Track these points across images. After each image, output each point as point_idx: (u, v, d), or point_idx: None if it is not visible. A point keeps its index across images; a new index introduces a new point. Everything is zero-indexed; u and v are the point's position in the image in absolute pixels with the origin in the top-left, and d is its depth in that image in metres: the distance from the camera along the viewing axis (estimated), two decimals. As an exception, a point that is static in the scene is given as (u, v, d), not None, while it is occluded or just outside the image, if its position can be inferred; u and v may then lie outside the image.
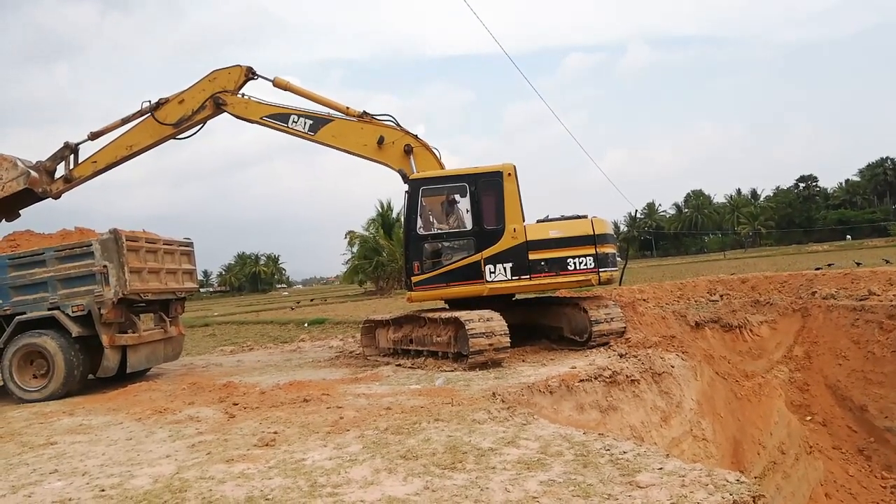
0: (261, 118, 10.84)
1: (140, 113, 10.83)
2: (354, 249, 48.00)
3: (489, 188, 9.62)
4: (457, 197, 9.91)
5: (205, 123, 11.12)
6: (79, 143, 11.09)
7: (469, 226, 9.63)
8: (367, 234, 46.74)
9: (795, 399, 13.72)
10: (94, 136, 10.91)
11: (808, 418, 13.42)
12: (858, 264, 20.62)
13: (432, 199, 10.01)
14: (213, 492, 4.12)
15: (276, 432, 5.63)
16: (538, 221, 9.95)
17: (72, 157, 11.10)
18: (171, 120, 10.77)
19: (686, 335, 12.80)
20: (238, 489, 4.14)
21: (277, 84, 11.00)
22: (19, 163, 10.73)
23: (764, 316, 15.05)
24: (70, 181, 10.99)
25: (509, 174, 9.62)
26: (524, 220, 9.58)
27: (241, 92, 10.96)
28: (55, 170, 11.10)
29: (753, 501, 3.53)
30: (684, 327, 13.63)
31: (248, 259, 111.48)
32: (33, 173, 10.67)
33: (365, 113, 10.63)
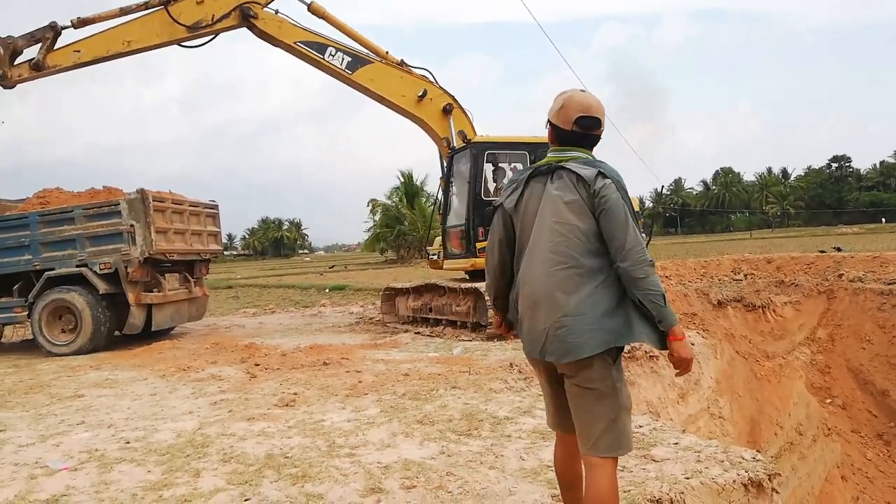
0: (294, 42, 9.50)
1: (146, 5, 9.12)
2: (377, 218, 48.14)
3: (542, 157, 9.46)
4: (518, 165, 9.55)
5: (217, 34, 9.65)
6: (62, 28, 9.15)
7: None
8: (389, 202, 46.79)
9: (816, 381, 13.59)
10: (81, 22, 9.01)
11: (828, 401, 13.30)
12: (839, 249, 20.18)
13: (488, 166, 9.78)
14: (234, 448, 4.21)
15: (296, 393, 5.72)
16: None
17: (50, 43, 9.18)
18: (186, 20, 9.09)
19: (708, 313, 12.69)
20: (258, 446, 4.23)
21: (314, 10, 9.68)
22: None
23: (788, 297, 14.83)
24: (40, 69, 9.06)
25: None
26: None
27: (272, 8, 9.59)
28: (20, 52, 9.18)
29: (769, 479, 3.52)
30: (706, 305, 13.49)
31: (272, 224, 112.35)
32: None
33: (403, 62, 9.91)
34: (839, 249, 20.04)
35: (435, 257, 10.55)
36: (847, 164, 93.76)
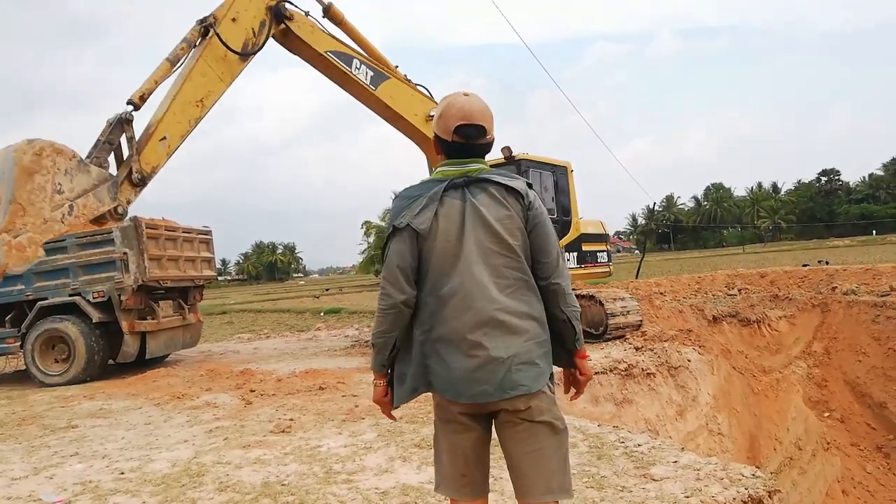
0: (325, 51, 8.42)
1: (188, 43, 7.13)
2: (371, 239, 48.20)
3: (561, 180, 10.03)
4: (547, 185, 9.88)
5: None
6: (128, 117, 6.71)
7: (554, 214, 9.75)
8: (383, 224, 46.87)
9: (813, 395, 13.58)
10: (142, 98, 6.76)
11: (826, 415, 13.29)
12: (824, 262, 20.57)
13: None
14: (230, 476, 4.17)
15: (292, 419, 5.68)
16: None
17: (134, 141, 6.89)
18: (234, 45, 7.51)
19: (703, 329, 12.71)
20: (255, 474, 4.19)
21: (332, 14, 8.56)
22: (91, 165, 6.21)
23: (783, 311, 14.89)
24: (145, 181, 6.79)
25: (571, 170, 10.19)
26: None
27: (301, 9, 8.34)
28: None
29: (769, 496, 3.50)
30: (701, 321, 13.52)
31: (266, 248, 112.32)
32: (109, 180, 6.39)
33: (407, 78, 9.46)
34: (826, 262, 20.20)
35: None
36: (836, 178, 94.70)
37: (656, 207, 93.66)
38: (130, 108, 6.70)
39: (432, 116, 9.09)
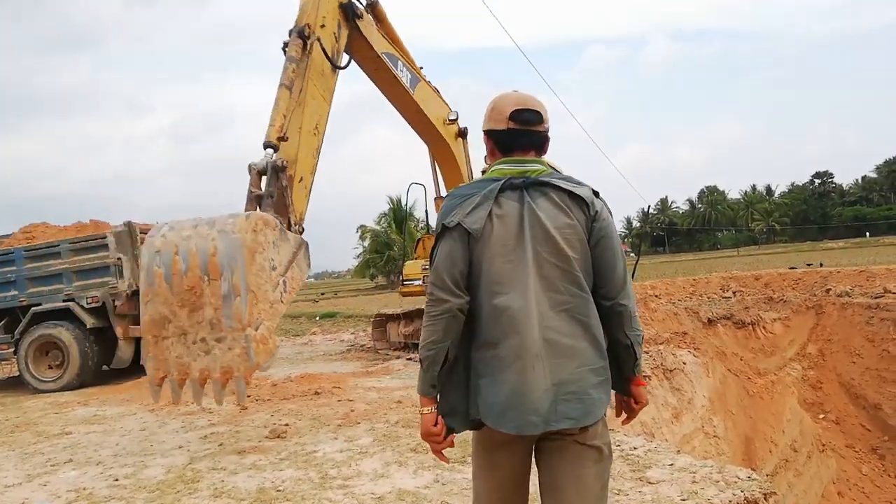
0: (381, 53, 7.79)
1: (296, 63, 6.13)
2: (366, 244, 48.17)
3: None
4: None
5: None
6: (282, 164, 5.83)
7: None
8: (378, 228, 46.84)
9: (808, 397, 13.62)
10: (280, 140, 5.88)
11: (822, 416, 13.32)
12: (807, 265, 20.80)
13: None
14: (224, 483, 4.15)
15: (287, 424, 5.66)
16: None
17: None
18: (333, 58, 6.65)
19: (698, 332, 12.74)
20: (250, 480, 4.17)
21: (377, 13, 7.88)
22: (287, 231, 5.43)
23: (777, 313, 14.94)
24: (303, 229, 6.11)
25: None
26: None
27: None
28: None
29: (765, 498, 3.51)
30: (696, 324, 13.56)
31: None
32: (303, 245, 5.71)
33: (427, 80, 8.99)
34: (821, 265, 20.30)
35: (418, 283, 10.54)
36: (830, 180, 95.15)
37: (651, 210, 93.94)
38: (270, 151, 5.76)
39: (452, 120, 8.76)
